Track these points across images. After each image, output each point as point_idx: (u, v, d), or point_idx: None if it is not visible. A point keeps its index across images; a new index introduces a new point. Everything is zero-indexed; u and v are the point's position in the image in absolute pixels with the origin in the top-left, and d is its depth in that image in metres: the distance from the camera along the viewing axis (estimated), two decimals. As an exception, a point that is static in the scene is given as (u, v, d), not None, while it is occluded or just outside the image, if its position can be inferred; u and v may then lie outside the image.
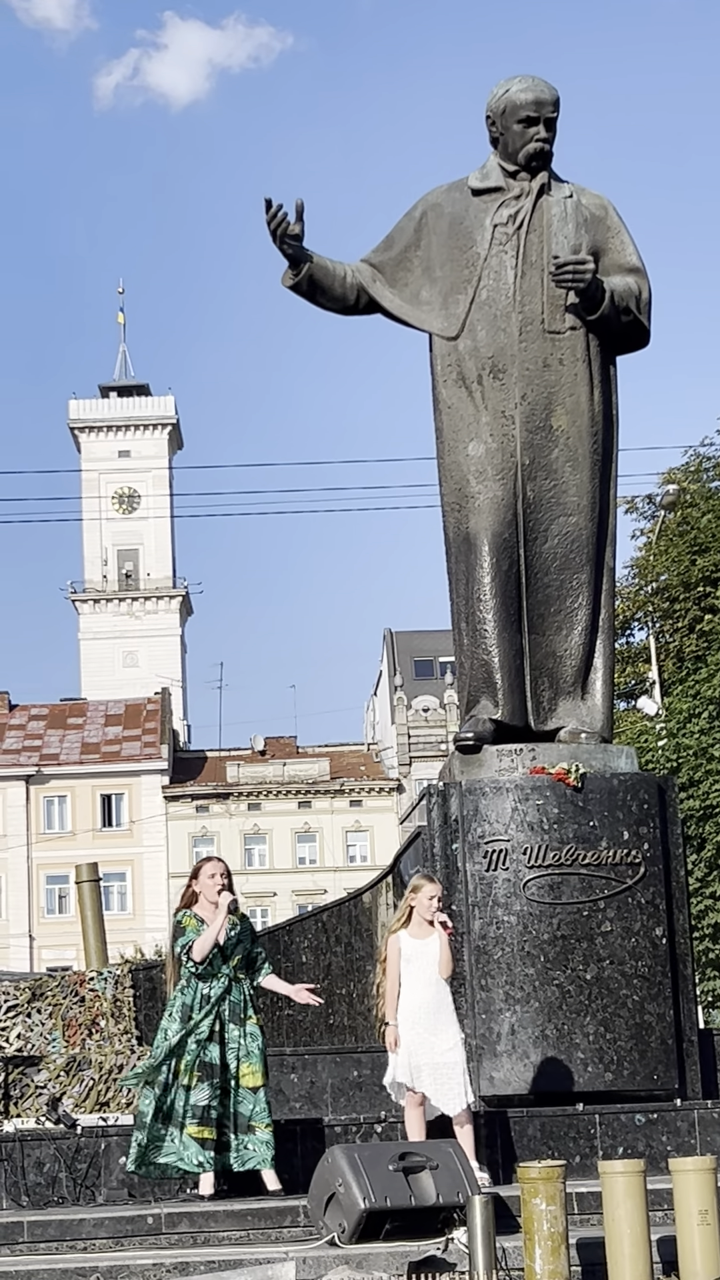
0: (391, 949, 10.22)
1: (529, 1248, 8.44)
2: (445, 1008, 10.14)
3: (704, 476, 38.46)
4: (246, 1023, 10.30)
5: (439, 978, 10.14)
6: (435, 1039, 10.04)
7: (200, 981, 10.27)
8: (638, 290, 12.77)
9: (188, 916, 10.39)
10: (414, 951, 10.16)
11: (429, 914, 10.19)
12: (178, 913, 10.47)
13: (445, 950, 10.14)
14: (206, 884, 10.41)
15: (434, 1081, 9.99)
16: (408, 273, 12.96)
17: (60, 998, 13.73)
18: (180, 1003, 10.28)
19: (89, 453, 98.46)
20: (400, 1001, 10.12)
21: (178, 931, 10.39)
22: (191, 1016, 10.22)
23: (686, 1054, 12.08)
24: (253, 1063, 10.24)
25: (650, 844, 12.09)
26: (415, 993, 10.10)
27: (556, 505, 12.64)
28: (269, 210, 12.37)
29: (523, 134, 12.65)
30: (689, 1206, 8.57)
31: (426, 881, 10.33)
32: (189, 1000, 10.26)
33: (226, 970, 10.32)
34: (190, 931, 10.32)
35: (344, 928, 14.47)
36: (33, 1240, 9.51)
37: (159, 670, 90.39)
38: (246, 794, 78.56)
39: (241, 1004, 10.33)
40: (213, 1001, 10.24)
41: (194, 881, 10.49)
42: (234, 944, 10.35)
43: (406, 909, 10.29)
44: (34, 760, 78.33)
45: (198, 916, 10.37)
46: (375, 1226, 9.09)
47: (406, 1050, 10.03)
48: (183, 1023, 10.22)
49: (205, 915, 10.36)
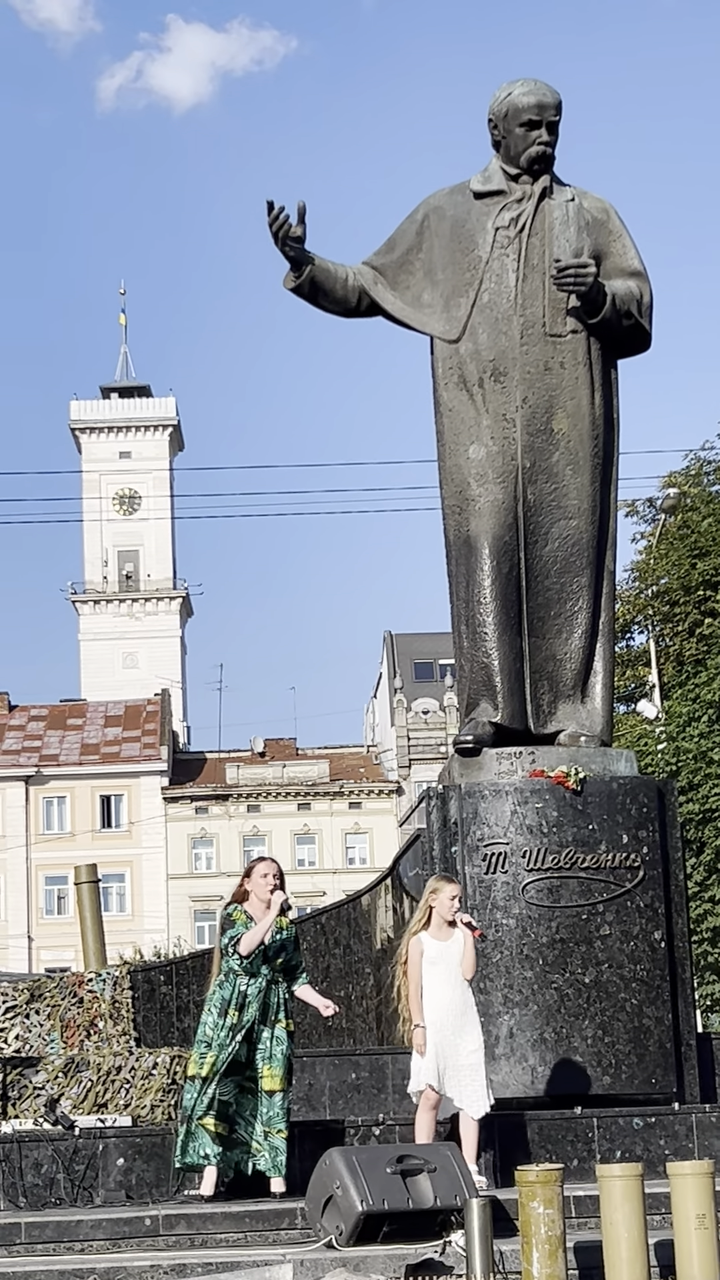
0: (413, 950, 10.19)
1: (526, 1251, 8.44)
2: (469, 1009, 10.15)
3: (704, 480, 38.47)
4: (276, 1025, 10.31)
5: (462, 979, 10.14)
6: (461, 1040, 10.04)
7: (239, 978, 10.28)
8: (639, 294, 12.78)
9: (238, 911, 10.41)
10: (437, 953, 10.15)
11: (450, 914, 10.19)
12: (227, 906, 10.49)
13: (469, 951, 10.14)
14: (259, 883, 10.43)
15: (458, 1083, 10.00)
16: (409, 275, 12.96)
17: (59, 999, 13.72)
18: (219, 997, 10.28)
19: (90, 453, 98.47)
20: (425, 1003, 10.11)
21: (226, 924, 10.41)
22: (228, 1011, 10.22)
23: (685, 1058, 12.08)
24: (274, 1066, 10.24)
25: (649, 848, 12.09)
26: (439, 994, 10.09)
27: (557, 508, 12.65)
28: (271, 212, 12.38)
29: (525, 137, 12.66)
30: (686, 1210, 8.57)
31: (446, 883, 10.32)
32: (227, 995, 10.26)
33: (267, 971, 10.33)
34: (239, 925, 10.33)
35: (343, 930, 14.48)
36: (30, 1241, 9.51)
37: (159, 671, 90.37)
38: (246, 795, 78.54)
39: (276, 1006, 10.34)
40: (250, 999, 10.26)
41: (246, 880, 10.51)
42: (278, 947, 10.38)
43: (426, 910, 10.27)
44: (33, 761, 78.30)
45: (247, 913, 10.40)
46: (373, 1229, 9.09)
47: (434, 1053, 10.01)
48: (219, 1015, 10.23)
49: (255, 913, 10.39)
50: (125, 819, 77.79)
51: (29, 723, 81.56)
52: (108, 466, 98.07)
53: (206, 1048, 10.19)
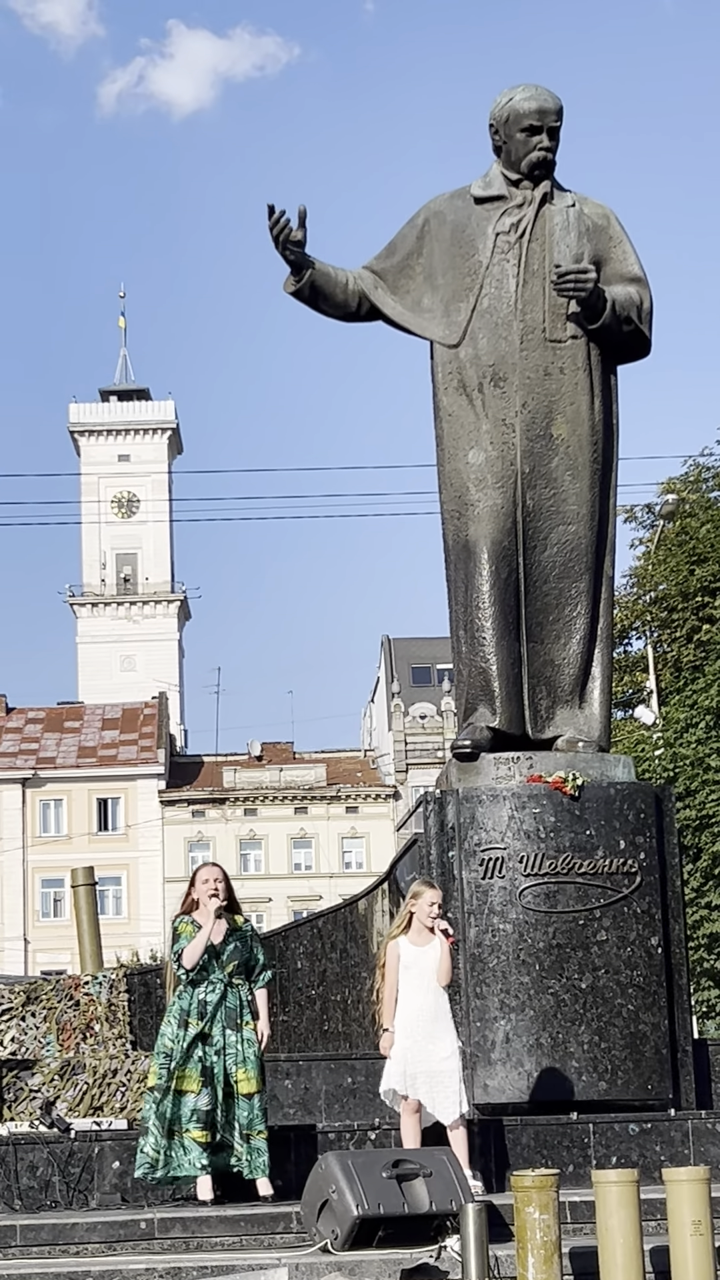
0: (390, 955, 10.21)
1: (522, 1256, 8.43)
2: (443, 1015, 10.14)
3: (703, 486, 38.50)
4: (244, 1028, 10.30)
5: (437, 985, 10.13)
6: (433, 1046, 10.03)
7: (194, 987, 10.27)
8: (639, 300, 12.78)
9: (184, 923, 10.40)
10: (413, 958, 10.15)
11: (429, 921, 10.18)
12: (175, 919, 10.49)
13: (445, 958, 10.13)
14: (200, 889, 10.42)
15: (430, 1089, 9.99)
16: (409, 280, 12.97)
17: (55, 1001, 13.72)
18: (177, 1008, 10.29)
19: (88, 456, 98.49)
20: (398, 1008, 10.12)
21: (173, 937, 10.40)
22: (188, 1022, 10.22)
23: (681, 1064, 12.08)
24: (248, 1069, 10.24)
25: (646, 853, 12.09)
26: (413, 999, 10.10)
27: (556, 514, 12.65)
28: (271, 216, 12.38)
29: (525, 143, 12.66)
30: (682, 1217, 8.56)
31: (427, 888, 10.32)
32: (185, 1005, 10.26)
33: (220, 976, 10.31)
34: (184, 938, 10.33)
35: (339, 934, 14.48)
36: (25, 1244, 9.50)
37: (156, 674, 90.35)
38: (243, 799, 78.52)
39: (238, 1009, 10.32)
40: (210, 1006, 10.24)
41: (192, 888, 10.50)
42: (229, 949, 10.35)
43: (406, 915, 10.28)
44: (30, 763, 78.27)
45: (194, 922, 10.37)
46: (368, 1233, 9.09)
47: (402, 1057, 10.03)
48: (179, 1027, 10.23)
49: (203, 921, 10.37)
50: (122, 822, 77.76)
51: (26, 725, 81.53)
52: (106, 469, 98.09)
53: (166, 1059, 10.19)
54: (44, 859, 75.38)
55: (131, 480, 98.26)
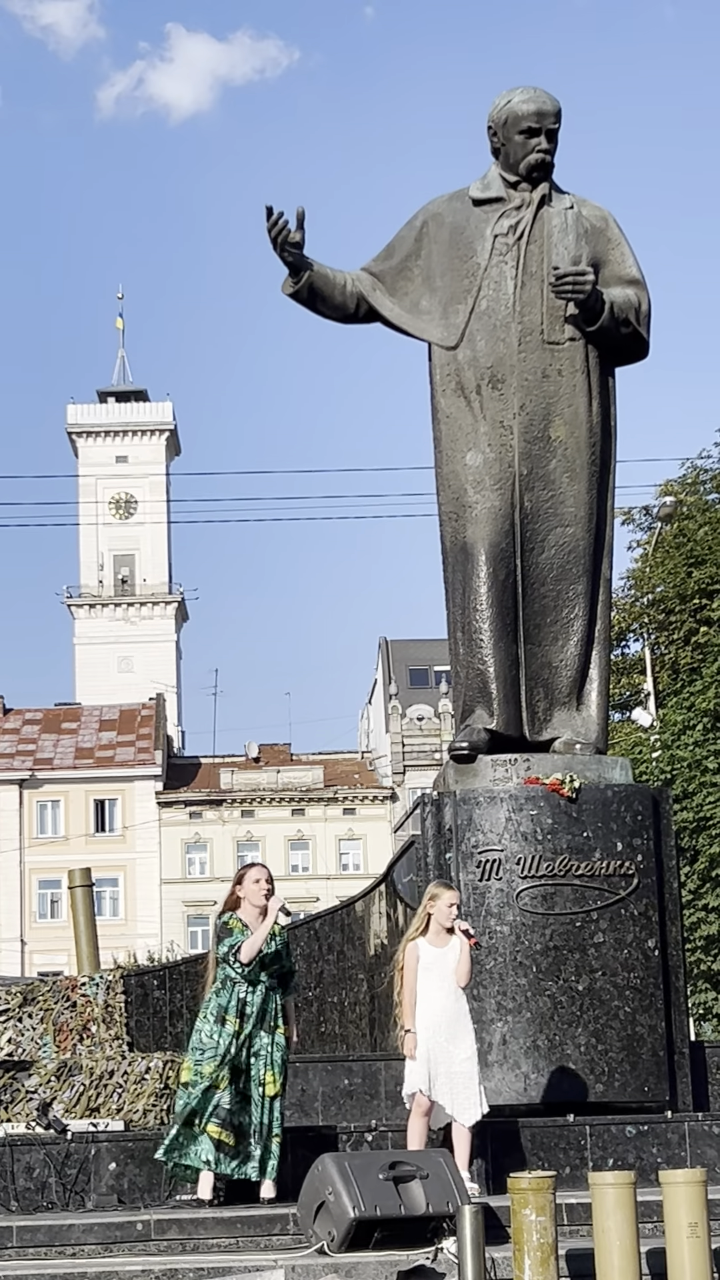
0: (410, 956, 10.20)
1: (518, 1258, 8.44)
2: (463, 1016, 10.15)
3: (701, 489, 38.46)
4: (275, 1031, 10.33)
5: (457, 986, 10.13)
6: (453, 1048, 10.05)
7: (237, 986, 10.27)
8: (637, 302, 12.79)
9: (234, 919, 10.40)
10: (433, 959, 10.16)
11: (448, 921, 10.19)
12: (222, 915, 10.46)
13: (465, 958, 10.15)
14: (252, 889, 10.42)
15: (450, 1090, 10.00)
16: (408, 282, 12.97)
17: (51, 1003, 13.71)
18: (215, 1004, 10.27)
19: (86, 458, 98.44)
20: (419, 1009, 10.11)
21: (223, 933, 10.38)
22: (226, 1019, 10.21)
23: (678, 1066, 12.08)
24: (275, 1071, 10.27)
25: (644, 855, 12.09)
26: (433, 1001, 10.10)
27: (554, 516, 12.66)
28: (270, 218, 12.38)
29: (524, 145, 12.67)
30: (679, 1219, 8.56)
31: (445, 889, 10.33)
32: (224, 1003, 10.25)
33: (265, 978, 10.33)
34: (238, 934, 10.33)
35: (336, 936, 14.48)
36: (21, 1245, 9.50)
37: (154, 676, 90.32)
38: (240, 801, 78.48)
39: (273, 1012, 10.35)
40: (250, 1006, 10.25)
41: (238, 887, 10.49)
42: (274, 954, 10.37)
43: (424, 916, 10.28)
44: (27, 764, 78.23)
45: (242, 921, 10.38)
46: (365, 1235, 9.08)
47: (425, 1058, 10.02)
48: (216, 1023, 10.22)
49: (249, 920, 10.38)
50: (119, 823, 77.71)
51: (23, 726, 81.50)
52: (104, 470, 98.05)
53: (201, 1054, 10.18)
54: (41, 860, 75.35)
55: (129, 481, 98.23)
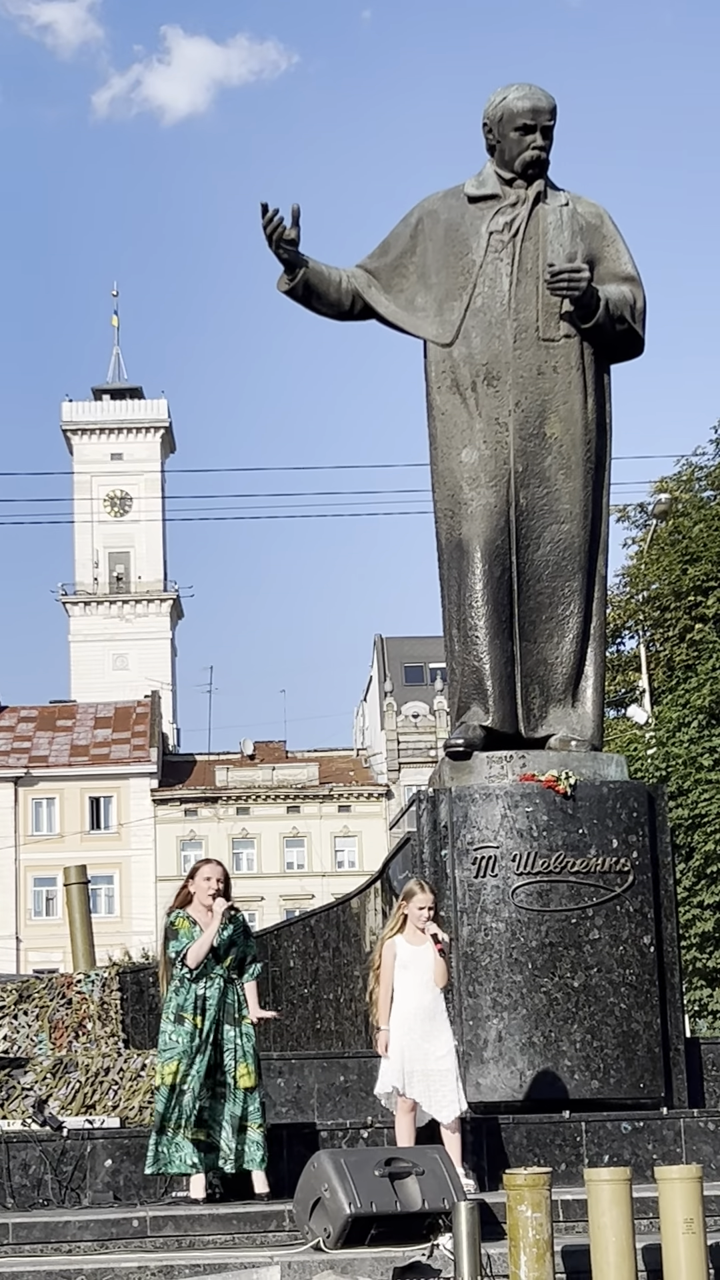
0: (386, 954, 10.19)
1: (514, 1255, 8.44)
2: (439, 1014, 10.13)
3: (696, 486, 38.50)
4: (241, 1023, 10.29)
5: (434, 984, 10.12)
6: (429, 1045, 10.03)
7: (194, 983, 10.25)
8: (632, 299, 12.79)
9: (180, 918, 10.34)
10: (410, 957, 10.14)
11: (419, 923, 10.17)
12: (170, 913, 10.42)
13: (439, 961, 10.11)
14: (202, 886, 10.35)
15: (426, 1088, 9.98)
16: (403, 279, 12.97)
17: (47, 1000, 13.71)
18: (174, 1004, 10.25)
19: (81, 455, 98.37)
20: (394, 1007, 10.11)
21: (170, 934, 10.34)
22: (184, 1017, 10.20)
23: (673, 1062, 12.09)
24: (248, 1063, 10.24)
25: (639, 852, 12.09)
26: (410, 999, 10.08)
27: (549, 513, 12.66)
28: (265, 215, 12.37)
29: (519, 142, 12.66)
30: (674, 1215, 8.57)
31: (420, 889, 10.28)
32: (182, 1001, 10.23)
33: (220, 971, 10.29)
34: (183, 934, 10.27)
35: (332, 933, 14.47)
36: (17, 1242, 9.49)
37: (149, 673, 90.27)
38: (235, 798, 78.50)
39: (236, 1004, 10.31)
40: (209, 1002, 10.23)
41: (190, 882, 10.42)
42: (227, 944, 10.33)
43: (400, 915, 10.27)
44: (23, 762, 78.23)
45: (190, 918, 10.34)
46: (360, 1232, 9.09)
47: (399, 1056, 10.02)
48: (176, 1023, 10.21)
49: (198, 917, 10.34)
50: (114, 821, 77.73)
51: (18, 724, 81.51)
52: (99, 468, 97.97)
53: (165, 1055, 10.17)
54: (36, 857, 75.35)
55: (124, 479, 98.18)
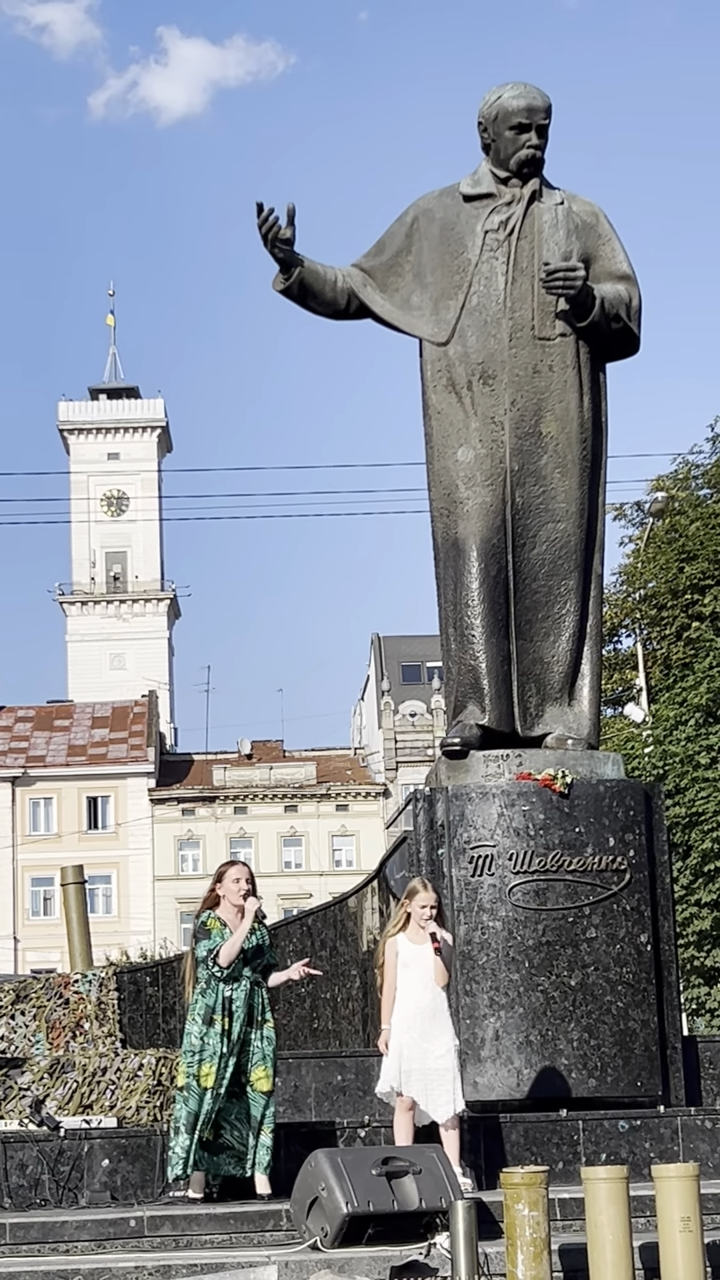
0: (389, 953, 10.20)
1: (511, 1253, 8.44)
2: (441, 1013, 10.13)
3: (692, 484, 38.51)
4: (264, 1026, 10.32)
5: (436, 983, 10.12)
6: (429, 1044, 10.03)
7: (222, 985, 10.25)
8: (628, 297, 12.79)
9: (212, 919, 10.36)
10: (412, 956, 10.15)
11: (420, 922, 10.18)
12: (200, 914, 10.44)
13: (439, 959, 10.11)
14: (231, 888, 10.39)
15: (424, 1087, 9.98)
16: (399, 278, 12.97)
17: (44, 1000, 13.70)
18: (203, 1005, 10.24)
19: (78, 455, 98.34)
20: (396, 1005, 10.11)
21: (201, 934, 10.35)
22: (214, 1019, 10.19)
23: (670, 1061, 12.09)
24: (266, 1066, 10.26)
25: (636, 850, 12.10)
26: (411, 997, 10.09)
27: (545, 511, 12.66)
28: (260, 214, 12.37)
29: (514, 140, 12.67)
30: (671, 1213, 8.57)
31: (423, 888, 10.30)
32: (211, 1003, 10.23)
33: (249, 974, 10.31)
34: (215, 935, 10.30)
35: (329, 932, 14.47)
36: (14, 1242, 9.49)
37: (146, 673, 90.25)
38: (232, 797, 78.49)
39: (260, 1007, 10.34)
40: (236, 1005, 10.24)
41: (218, 884, 10.46)
42: (255, 949, 10.36)
43: (404, 914, 10.27)
44: (20, 762, 78.21)
45: (221, 920, 10.37)
46: (358, 1231, 9.09)
47: (397, 1054, 10.02)
48: (205, 1024, 10.20)
49: (228, 918, 10.36)
50: (112, 820, 77.71)
51: (16, 724, 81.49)
52: (96, 468, 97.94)
53: (194, 1056, 10.16)
54: (34, 857, 75.32)
55: (121, 478, 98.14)
